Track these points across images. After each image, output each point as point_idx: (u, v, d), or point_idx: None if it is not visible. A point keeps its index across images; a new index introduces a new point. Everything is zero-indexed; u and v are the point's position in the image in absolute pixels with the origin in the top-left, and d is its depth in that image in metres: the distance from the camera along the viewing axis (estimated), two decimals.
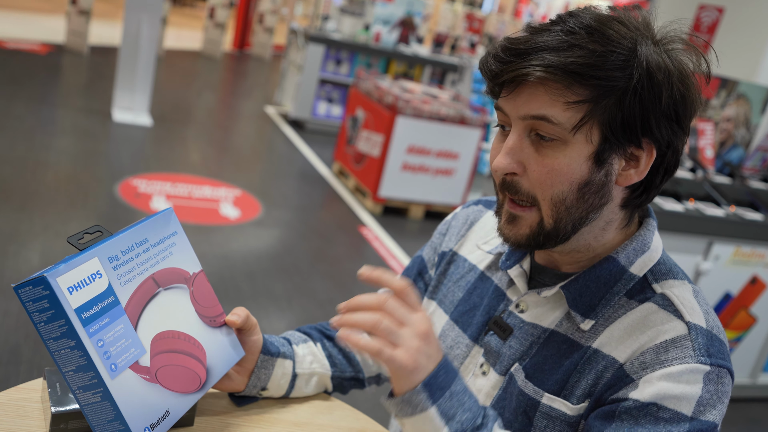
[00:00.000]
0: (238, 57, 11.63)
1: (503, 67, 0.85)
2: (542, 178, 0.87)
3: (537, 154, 0.87)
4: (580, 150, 0.85)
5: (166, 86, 7.92)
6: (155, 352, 0.87)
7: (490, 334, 1.03)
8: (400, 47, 7.60)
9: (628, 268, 0.94)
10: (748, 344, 3.33)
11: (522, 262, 1.04)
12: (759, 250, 3.13)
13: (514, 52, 0.84)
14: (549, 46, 0.82)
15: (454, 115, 5.19)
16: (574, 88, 0.82)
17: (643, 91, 0.83)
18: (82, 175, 4.58)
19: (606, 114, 0.83)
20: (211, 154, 5.92)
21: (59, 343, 0.78)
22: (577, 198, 0.87)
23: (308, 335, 1.19)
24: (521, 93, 0.86)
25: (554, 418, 0.93)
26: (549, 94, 0.83)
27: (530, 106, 0.85)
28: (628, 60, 0.83)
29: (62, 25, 9.57)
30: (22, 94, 6.12)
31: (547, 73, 0.82)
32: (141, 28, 5.96)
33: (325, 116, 7.48)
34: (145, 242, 0.90)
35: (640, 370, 0.87)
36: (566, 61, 0.81)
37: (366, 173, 5.31)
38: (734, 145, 3.51)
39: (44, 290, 0.76)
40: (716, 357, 0.86)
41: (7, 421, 0.92)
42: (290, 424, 1.06)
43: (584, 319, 0.94)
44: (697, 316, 0.90)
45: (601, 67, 0.82)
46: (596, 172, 0.86)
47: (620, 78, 0.82)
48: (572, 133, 0.84)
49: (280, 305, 3.48)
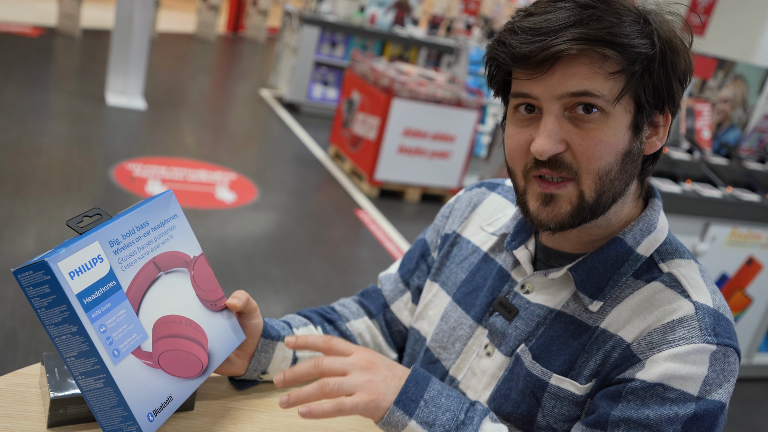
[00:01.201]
0: (232, 40, 11.55)
1: (531, 48, 0.82)
2: (590, 152, 0.85)
3: (578, 129, 0.85)
4: (621, 120, 0.85)
5: (159, 69, 7.86)
6: (157, 337, 0.86)
7: (495, 314, 1.02)
8: (396, 29, 7.55)
9: (634, 248, 0.94)
10: (744, 325, 3.34)
11: (527, 243, 1.03)
12: (755, 231, 3.14)
13: (537, 32, 0.82)
14: (572, 21, 0.81)
15: (450, 98, 5.17)
16: (613, 59, 0.82)
17: (665, 59, 0.84)
18: (76, 159, 4.55)
19: (640, 83, 0.84)
20: (206, 138, 5.89)
21: (61, 329, 0.77)
22: (620, 169, 0.87)
23: (309, 319, 1.18)
24: (554, 72, 0.83)
25: (562, 398, 0.93)
26: (587, 67, 0.82)
27: (569, 84, 0.83)
28: (644, 29, 0.83)
29: (54, 7, 9.48)
30: (14, 77, 6.07)
31: (585, 45, 0.81)
32: (134, 11, 5.90)
33: (321, 99, 7.44)
34: (145, 225, 0.89)
35: (647, 350, 0.87)
36: (598, 32, 0.81)
37: (362, 156, 5.29)
38: (731, 126, 3.50)
39: (45, 275, 0.74)
40: (723, 336, 0.87)
41: (5, 406, 0.91)
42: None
43: (592, 301, 0.94)
44: (704, 296, 0.90)
45: (629, 36, 0.82)
46: (634, 141, 0.87)
47: (646, 46, 0.83)
48: (613, 104, 0.84)
49: (276, 288, 3.48)
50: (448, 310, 1.11)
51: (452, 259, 1.15)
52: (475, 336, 1.06)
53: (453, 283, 1.12)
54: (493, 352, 1.02)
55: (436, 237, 1.21)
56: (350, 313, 1.23)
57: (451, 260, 1.15)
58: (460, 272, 1.12)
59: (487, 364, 1.02)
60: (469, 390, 1.04)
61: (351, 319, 1.22)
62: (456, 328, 1.08)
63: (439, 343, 1.11)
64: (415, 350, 1.17)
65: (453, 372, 1.07)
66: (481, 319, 1.05)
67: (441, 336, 1.11)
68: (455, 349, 1.08)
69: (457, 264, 1.13)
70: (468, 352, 1.06)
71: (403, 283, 1.23)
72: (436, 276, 1.17)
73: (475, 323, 1.06)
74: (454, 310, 1.10)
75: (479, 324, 1.05)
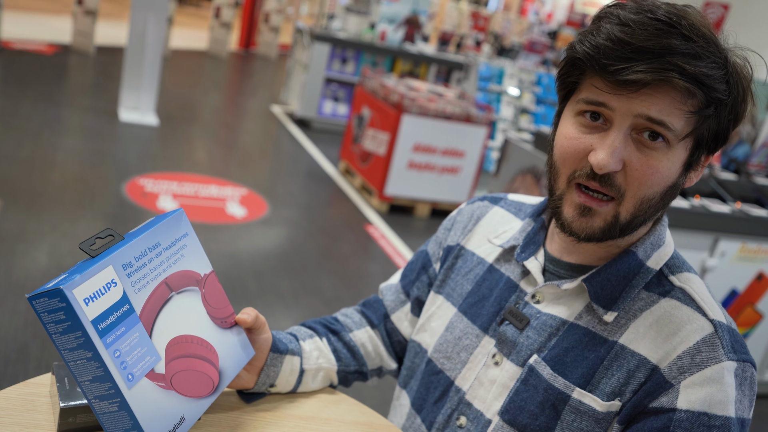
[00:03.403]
0: (243, 56, 11.66)
1: (631, 65, 0.81)
2: (643, 179, 0.86)
3: (639, 153, 0.86)
4: (679, 156, 0.87)
5: (172, 86, 7.94)
6: (170, 358, 0.87)
7: (505, 323, 1.03)
8: (406, 46, 7.60)
9: (645, 261, 0.96)
10: (755, 341, 3.32)
11: (536, 255, 1.04)
12: (765, 247, 3.13)
13: (641, 50, 0.81)
14: (679, 51, 0.81)
15: (460, 113, 5.19)
16: (696, 98, 0.83)
17: (734, 107, 0.85)
18: (89, 174, 4.60)
19: (706, 126, 0.86)
20: (218, 154, 5.93)
21: (75, 354, 0.77)
22: (660, 199, 0.89)
23: (314, 330, 1.20)
24: (641, 93, 0.83)
25: (583, 413, 0.93)
26: (671, 97, 0.83)
27: (651, 109, 0.83)
28: (726, 73, 0.83)
29: (68, 25, 9.60)
30: (29, 94, 6.15)
31: (686, 82, 0.81)
32: (147, 28, 5.98)
33: (331, 115, 7.49)
34: (157, 246, 0.89)
35: (678, 375, 0.88)
36: (698, 72, 0.81)
37: (372, 171, 5.31)
38: (740, 142, 3.50)
39: (60, 302, 0.74)
40: (741, 352, 0.89)
41: (16, 415, 0.93)
42: (297, 418, 1.07)
43: (606, 311, 0.95)
44: (717, 313, 0.92)
45: (716, 79, 0.82)
46: (682, 176, 0.89)
47: (724, 92, 0.84)
48: (679, 140, 0.85)
49: (287, 303, 3.49)
50: (453, 321, 1.12)
51: (457, 271, 1.16)
52: (481, 345, 1.06)
53: (459, 294, 1.13)
54: (501, 362, 1.02)
55: (438, 249, 1.23)
56: (353, 323, 1.24)
57: (455, 272, 1.16)
58: (465, 284, 1.13)
59: (495, 373, 1.03)
60: (477, 400, 1.04)
61: (354, 329, 1.23)
62: (462, 338, 1.09)
63: (443, 353, 1.11)
64: (414, 363, 1.18)
65: (459, 382, 1.07)
66: (487, 329, 1.06)
67: (445, 346, 1.11)
68: (460, 359, 1.08)
69: (462, 276, 1.14)
70: (474, 362, 1.06)
71: (404, 293, 1.25)
72: (440, 288, 1.17)
73: (481, 333, 1.07)
74: (459, 320, 1.11)
75: (486, 333, 1.06)
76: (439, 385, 1.10)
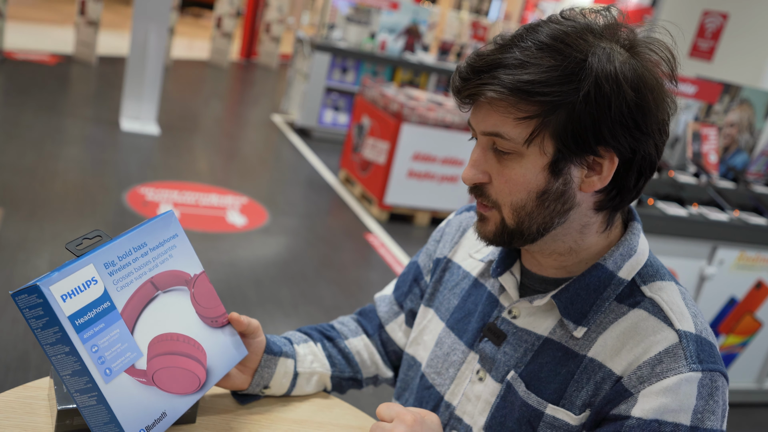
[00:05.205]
0: (245, 66, 11.71)
1: (463, 84, 0.89)
2: (502, 188, 0.91)
3: (499, 165, 0.91)
4: (535, 161, 0.88)
5: (173, 95, 7.98)
6: (152, 354, 0.88)
7: (484, 340, 1.04)
8: (406, 55, 7.64)
9: (616, 273, 0.95)
10: (754, 349, 3.32)
11: (512, 269, 1.05)
12: (763, 255, 3.13)
13: (474, 70, 0.87)
14: (503, 64, 0.85)
15: (460, 123, 5.21)
16: (521, 105, 0.85)
17: (590, 103, 0.83)
18: (90, 183, 4.62)
19: (556, 127, 0.85)
20: (218, 163, 5.95)
21: (55, 349, 0.80)
22: (537, 205, 0.90)
23: (308, 335, 1.21)
24: (480, 109, 0.90)
25: (557, 428, 0.94)
26: (499, 111, 0.87)
27: (486, 123, 0.89)
28: (576, 73, 0.83)
29: (71, 35, 9.66)
30: (31, 103, 6.19)
31: (495, 93, 0.85)
32: (149, 38, 6.01)
33: (332, 124, 7.52)
34: (143, 246, 0.91)
35: (638, 384, 0.87)
36: (513, 79, 0.84)
37: (372, 180, 5.33)
38: (738, 150, 3.51)
39: (38, 298, 0.77)
40: (707, 362, 0.87)
41: (15, 418, 0.95)
42: (291, 422, 1.08)
43: (576, 327, 0.95)
44: (686, 322, 0.91)
45: (547, 83, 0.83)
46: (553, 181, 0.89)
47: (567, 92, 0.83)
48: (525, 146, 0.87)
49: (286, 311, 3.50)
50: (441, 336, 1.13)
51: (444, 284, 1.17)
52: (467, 361, 1.07)
53: (446, 309, 1.14)
54: (485, 378, 1.03)
55: (428, 261, 1.24)
56: (349, 331, 1.25)
57: (443, 286, 1.17)
58: (452, 298, 1.14)
59: (480, 389, 1.04)
60: (465, 415, 1.05)
61: (350, 336, 1.24)
62: (450, 354, 1.10)
63: (434, 368, 1.12)
64: (408, 376, 1.19)
65: (448, 397, 1.08)
66: (472, 345, 1.07)
67: (435, 362, 1.12)
68: (449, 375, 1.09)
69: (449, 290, 1.15)
70: (461, 378, 1.07)
71: (397, 305, 1.26)
72: (430, 302, 1.18)
73: (467, 349, 1.07)
74: (447, 335, 1.12)
75: (471, 349, 1.07)
76: (431, 399, 1.11)
